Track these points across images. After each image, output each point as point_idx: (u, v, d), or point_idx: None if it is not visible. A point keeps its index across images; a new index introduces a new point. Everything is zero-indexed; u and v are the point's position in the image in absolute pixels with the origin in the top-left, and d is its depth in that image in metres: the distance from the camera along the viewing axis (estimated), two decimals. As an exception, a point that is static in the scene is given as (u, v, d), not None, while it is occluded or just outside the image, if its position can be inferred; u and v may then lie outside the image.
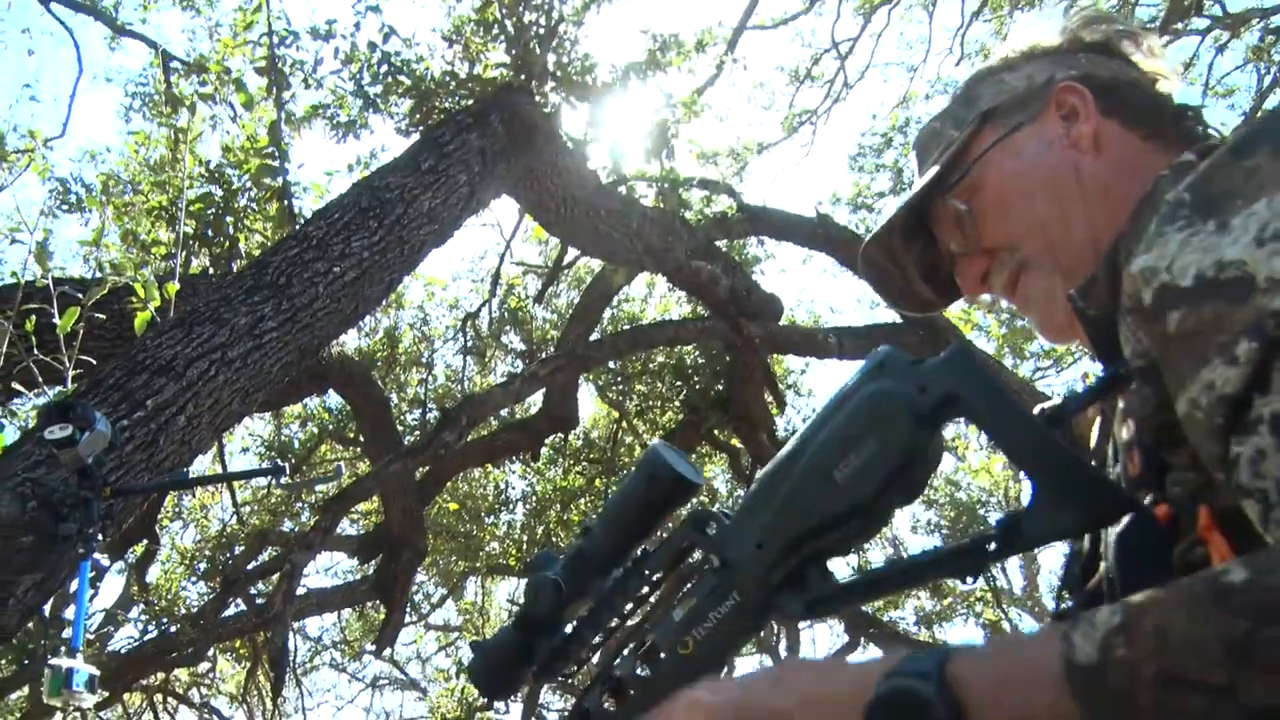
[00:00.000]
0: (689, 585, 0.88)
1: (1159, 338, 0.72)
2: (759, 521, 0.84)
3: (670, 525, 0.98)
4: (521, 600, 0.95)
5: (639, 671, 0.86)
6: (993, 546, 0.77)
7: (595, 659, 0.95)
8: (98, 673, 2.37)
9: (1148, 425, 0.80)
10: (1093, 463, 0.99)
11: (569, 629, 0.94)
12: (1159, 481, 0.81)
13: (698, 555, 0.89)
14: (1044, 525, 0.75)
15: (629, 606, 0.93)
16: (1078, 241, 0.98)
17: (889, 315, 7.66)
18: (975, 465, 11.81)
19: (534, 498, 10.69)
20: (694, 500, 1.01)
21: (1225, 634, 0.55)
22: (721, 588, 0.84)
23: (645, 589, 0.92)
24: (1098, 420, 1.02)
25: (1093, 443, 1.02)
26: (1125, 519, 0.83)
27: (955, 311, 11.32)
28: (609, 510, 0.95)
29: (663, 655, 0.85)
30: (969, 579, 0.79)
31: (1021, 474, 0.77)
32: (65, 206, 7.83)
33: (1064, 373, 11.09)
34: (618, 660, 0.88)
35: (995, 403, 0.79)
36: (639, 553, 0.94)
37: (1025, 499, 0.78)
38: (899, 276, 1.19)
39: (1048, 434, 0.78)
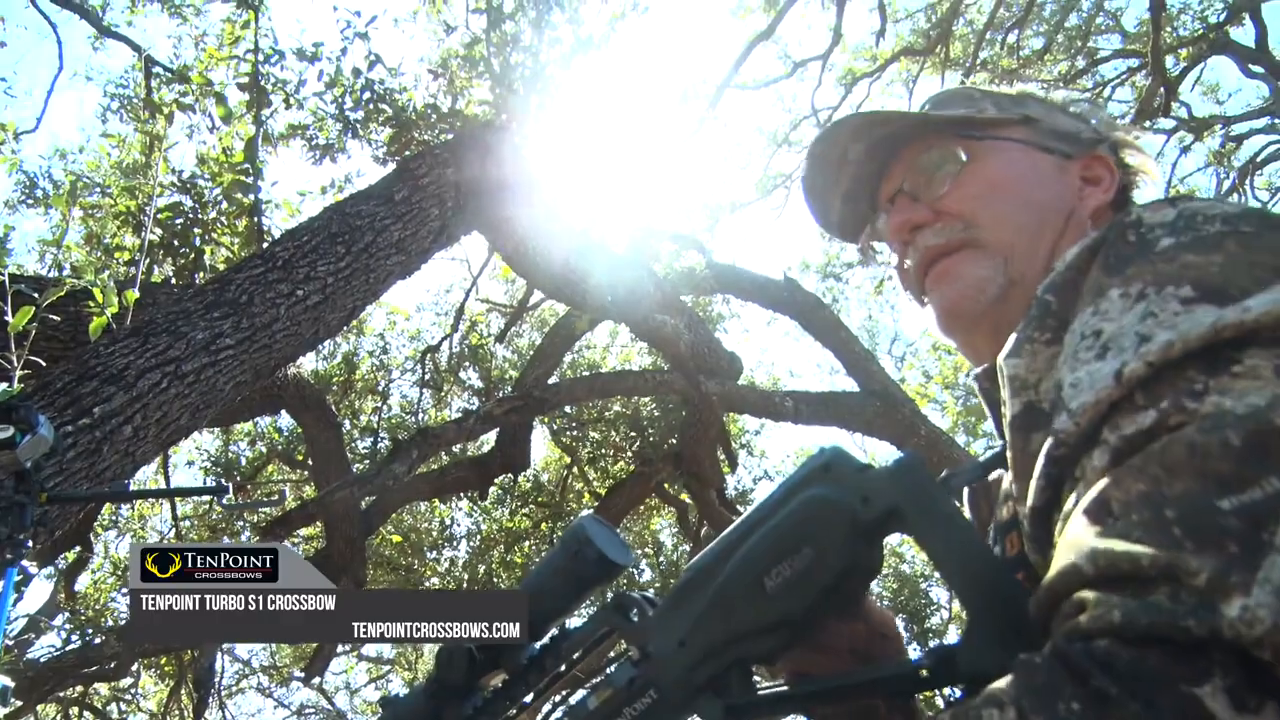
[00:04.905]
0: (607, 671, 0.84)
1: (1019, 450, 0.76)
2: (684, 618, 0.80)
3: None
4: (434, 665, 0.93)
5: None
6: (924, 674, 0.73)
7: None
8: (11, 684, 2.31)
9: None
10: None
11: (482, 698, 0.92)
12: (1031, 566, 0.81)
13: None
14: (979, 661, 0.70)
15: (544, 683, 0.90)
16: (1037, 264, 0.97)
17: (848, 383, 7.70)
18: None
19: (479, 536, 10.60)
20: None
21: None
22: (639, 681, 0.80)
23: (562, 667, 0.89)
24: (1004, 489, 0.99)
25: (1003, 513, 0.99)
26: None
27: (913, 385, 11.43)
28: (530, 582, 0.93)
29: None
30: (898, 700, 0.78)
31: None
32: (29, 201, 7.72)
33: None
34: None
35: (939, 524, 0.74)
36: (558, 629, 0.92)
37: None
38: (828, 185, 1.17)
39: (991, 563, 0.73)
